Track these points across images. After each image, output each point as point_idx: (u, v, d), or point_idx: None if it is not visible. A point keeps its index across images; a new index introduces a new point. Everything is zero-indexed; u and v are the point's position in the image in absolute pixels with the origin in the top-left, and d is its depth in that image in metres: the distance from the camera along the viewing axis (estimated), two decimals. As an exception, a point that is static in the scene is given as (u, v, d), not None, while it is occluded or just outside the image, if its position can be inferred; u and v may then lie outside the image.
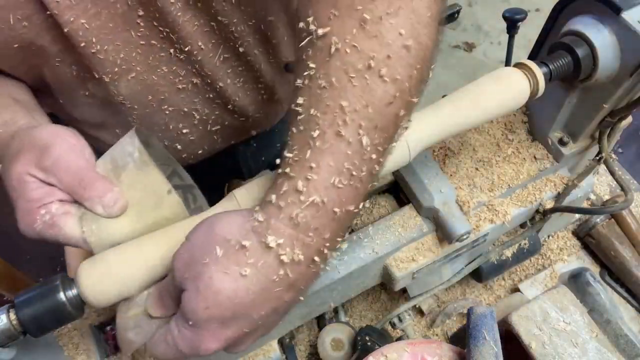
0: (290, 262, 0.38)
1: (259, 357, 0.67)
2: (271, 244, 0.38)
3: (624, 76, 0.56)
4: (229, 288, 0.38)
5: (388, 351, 0.57)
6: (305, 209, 0.38)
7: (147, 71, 0.65)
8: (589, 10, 0.56)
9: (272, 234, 0.38)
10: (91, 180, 0.48)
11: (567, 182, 0.71)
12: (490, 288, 0.85)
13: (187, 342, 0.41)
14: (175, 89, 0.70)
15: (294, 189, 0.38)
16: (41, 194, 0.48)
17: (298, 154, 0.39)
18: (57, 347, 0.61)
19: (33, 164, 0.48)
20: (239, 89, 0.75)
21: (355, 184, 0.39)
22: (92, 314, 0.64)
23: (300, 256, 0.38)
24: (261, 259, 0.38)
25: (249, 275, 0.38)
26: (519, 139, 0.72)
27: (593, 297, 0.72)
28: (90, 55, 0.58)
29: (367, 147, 0.39)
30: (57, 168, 0.48)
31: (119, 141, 0.52)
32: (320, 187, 0.38)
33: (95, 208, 0.48)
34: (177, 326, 0.42)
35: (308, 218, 0.38)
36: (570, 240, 0.87)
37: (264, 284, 0.38)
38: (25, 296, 0.45)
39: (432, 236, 0.67)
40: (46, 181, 0.48)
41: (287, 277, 0.39)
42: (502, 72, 0.55)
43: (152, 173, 0.50)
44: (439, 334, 0.80)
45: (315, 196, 0.38)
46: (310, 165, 0.38)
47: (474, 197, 0.67)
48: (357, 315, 0.84)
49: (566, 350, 0.57)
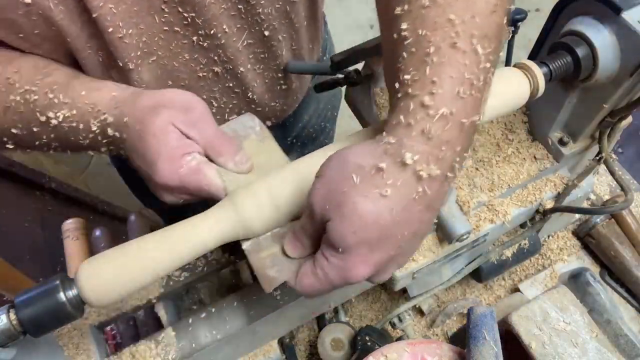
0: (427, 178, 0.39)
1: (259, 357, 0.67)
2: (408, 161, 0.38)
3: (624, 76, 0.56)
4: (373, 210, 0.38)
5: (388, 351, 0.57)
6: (435, 122, 0.39)
7: (169, 57, 0.65)
8: (589, 10, 0.56)
9: (408, 151, 0.38)
10: (227, 140, 0.54)
11: (567, 182, 0.71)
12: (490, 288, 0.85)
13: (337, 271, 0.42)
14: (195, 77, 0.70)
15: (420, 105, 0.39)
16: (184, 143, 0.52)
17: (416, 73, 0.40)
18: (57, 347, 0.61)
19: (178, 116, 0.52)
20: (258, 76, 0.76)
21: (476, 93, 0.40)
22: (92, 314, 0.64)
23: (436, 171, 0.39)
24: (399, 177, 0.38)
25: (389, 195, 0.38)
26: (519, 139, 0.72)
27: (593, 297, 0.72)
28: (116, 40, 0.59)
29: (482, 56, 0.40)
30: (201, 124, 0.53)
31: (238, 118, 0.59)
32: (446, 99, 0.39)
33: (228, 164, 0.53)
34: (325, 257, 0.42)
35: (439, 131, 0.39)
36: (570, 240, 0.87)
37: (405, 203, 0.39)
38: (25, 296, 0.45)
39: (432, 236, 0.67)
40: (187, 134, 0.52)
41: (425, 194, 0.39)
42: (502, 72, 0.55)
43: (272, 144, 0.57)
44: (439, 334, 0.80)
45: (443, 108, 0.39)
46: (432, 80, 0.39)
47: (474, 197, 0.67)
48: (357, 315, 0.84)
49: (566, 350, 0.57)
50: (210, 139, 0.53)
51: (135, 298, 0.65)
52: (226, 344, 0.62)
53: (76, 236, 0.83)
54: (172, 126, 0.51)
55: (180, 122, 0.52)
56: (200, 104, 0.54)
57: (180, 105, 0.52)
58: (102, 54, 0.61)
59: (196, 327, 0.62)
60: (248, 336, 0.64)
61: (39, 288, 0.46)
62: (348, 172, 0.40)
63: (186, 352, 0.60)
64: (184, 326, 0.62)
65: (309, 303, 0.66)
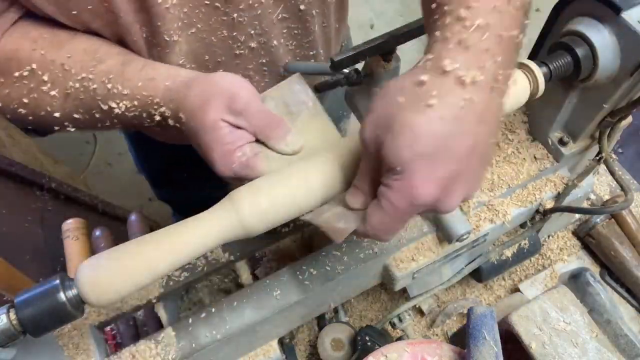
0: (471, 84, 0.39)
1: (259, 357, 0.67)
2: (448, 68, 0.39)
3: (624, 76, 0.56)
4: (423, 121, 0.38)
5: (388, 351, 0.57)
6: (472, 32, 0.39)
7: (208, 31, 0.66)
8: (589, 10, 0.56)
9: (448, 60, 0.39)
10: (277, 122, 0.55)
11: (567, 182, 0.71)
12: (490, 288, 0.85)
13: (401, 193, 0.41)
14: (232, 54, 0.71)
15: (457, 18, 0.40)
16: (235, 138, 0.54)
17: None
18: (57, 347, 0.61)
19: (225, 109, 0.53)
20: (289, 52, 0.77)
21: (513, 10, 0.41)
22: (92, 314, 0.64)
23: (480, 77, 0.39)
24: (442, 86, 0.39)
25: (436, 105, 0.38)
26: (519, 139, 0.72)
27: (593, 297, 0.72)
28: (163, 11, 0.59)
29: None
30: (248, 112, 0.53)
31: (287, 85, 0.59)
32: (482, 11, 0.40)
33: (279, 145, 0.55)
34: (387, 185, 0.42)
35: (476, 40, 0.39)
36: (570, 240, 0.87)
37: (454, 112, 0.39)
38: (25, 296, 0.45)
39: (432, 236, 0.67)
40: (236, 124, 0.54)
41: (472, 102, 0.39)
42: (502, 72, 0.55)
43: (325, 122, 0.57)
44: (439, 334, 0.80)
45: (479, 19, 0.40)
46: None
47: (474, 197, 0.67)
48: (357, 315, 0.84)
49: (566, 350, 0.57)
50: (260, 124, 0.54)
51: (135, 298, 0.65)
52: (226, 344, 0.62)
53: (76, 236, 0.83)
54: (222, 121, 0.53)
55: (229, 114, 0.53)
56: (245, 87, 0.55)
57: (226, 94, 0.53)
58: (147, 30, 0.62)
59: (196, 327, 0.62)
60: (248, 336, 0.64)
61: (39, 288, 0.46)
62: (392, 96, 0.40)
63: (186, 352, 0.60)
64: (184, 326, 0.62)
65: (309, 303, 0.66)
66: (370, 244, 0.64)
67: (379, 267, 0.67)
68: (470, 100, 0.39)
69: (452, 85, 0.39)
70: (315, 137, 0.56)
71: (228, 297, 0.64)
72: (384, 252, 0.64)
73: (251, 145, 0.55)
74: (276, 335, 0.68)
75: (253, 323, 0.62)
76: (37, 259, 1.40)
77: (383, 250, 0.64)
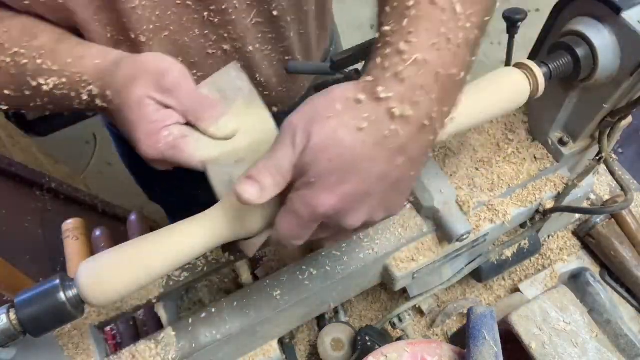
0: (400, 117, 0.40)
1: (259, 357, 0.67)
2: (381, 95, 0.40)
3: (624, 76, 0.56)
4: (349, 140, 0.40)
5: (388, 351, 0.57)
6: (409, 66, 0.40)
7: (180, 32, 0.65)
8: (589, 10, 0.56)
9: (382, 87, 0.40)
10: (208, 104, 0.53)
11: (567, 182, 0.71)
12: (490, 288, 0.85)
13: (305, 201, 0.42)
14: (205, 54, 0.70)
15: (396, 51, 0.41)
16: (162, 116, 0.51)
17: (395, 25, 0.42)
18: (57, 347, 0.61)
19: (152, 86, 0.51)
20: (265, 57, 0.76)
21: (454, 48, 0.41)
22: (92, 314, 0.64)
23: (410, 112, 0.40)
24: (374, 112, 0.40)
25: (364, 128, 0.40)
26: (519, 139, 0.72)
27: (593, 297, 0.72)
28: (129, 11, 0.59)
29: (461, 15, 0.41)
30: (177, 90, 0.52)
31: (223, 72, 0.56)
32: (420, 47, 0.40)
33: (209, 128, 0.53)
34: (296, 190, 0.42)
35: (412, 75, 0.40)
36: (570, 240, 0.87)
37: (377, 138, 0.40)
38: (25, 296, 0.45)
39: (432, 236, 0.67)
40: (164, 103, 0.52)
41: (397, 134, 0.40)
42: (502, 72, 0.55)
43: (260, 111, 0.55)
44: (439, 334, 0.80)
45: (417, 54, 0.40)
46: (409, 31, 0.41)
47: (474, 197, 0.67)
48: (357, 315, 0.84)
49: (566, 350, 0.57)
50: (188, 105, 0.52)
51: (135, 298, 0.65)
52: (226, 344, 0.62)
53: (76, 236, 0.83)
54: (148, 99, 0.51)
55: (156, 92, 0.51)
56: (177, 66, 0.53)
57: (155, 72, 0.52)
58: (112, 29, 0.61)
59: (196, 327, 0.62)
60: (248, 336, 0.64)
61: (39, 288, 0.46)
62: (333, 100, 0.41)
63: (186, 352, 0.60)
64: (184, 326, 0.62)
65: (309, 303, 0.66)
66: (370, 243, 0.64)
67: (379, 267, 0.67)
68: (395, 132, 0.40)
69: (383, 114, 0.40)
70: (250, 124, 0.54)
71: (228, 297, 0.64)
72: (384, 252, 0.64)
73: (179, 127, 0.53)
74: (276, 335, 0.68)
75: (253, 323, 0.62)
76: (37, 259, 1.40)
77: (383, 250, 0.64)
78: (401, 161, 0.42)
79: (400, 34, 0.41)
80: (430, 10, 0.41)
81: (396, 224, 0.66)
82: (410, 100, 0.40)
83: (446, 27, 0.41)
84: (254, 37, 0.72)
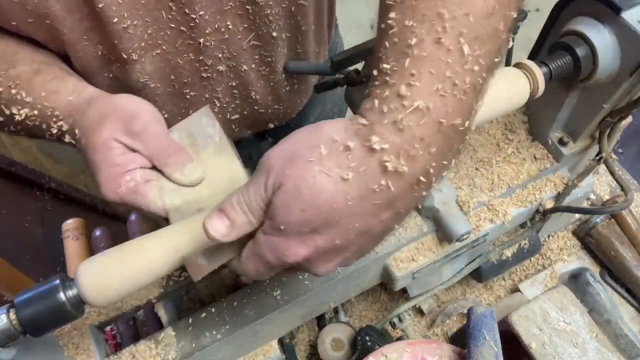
0: (393, 172, 0.36)
1: (259, 357, 0.67)
2: (375, 146, 0.36)
3: (624, 76, 0.56)
4: (329, 191, 0.36)
5: (388, 351, 0.57)
6: (410, 114, 0.36)
7: (173, 53, 0.65)
8: (589, 10, 0.56)
9: (377, 137, 0.36)
10: (175, 149, 0.52)
11: (567, 182, 0.71)
12: (490, 288, 0.85)
13: (273, 248, 0.39)
14: (199, 76, 0.70)
15: (396, 94, 0.37)
16: (126, 160, 0.50)
17: (396, 64, 0.38)
18: (57, 347, 0.61)
19: (120, 129, 0.50)
20: (261, 77, 0.75)
21: (460, 95, 0.37)
22: (92, 314, 0.64)
23: (404, 167, 0.36)
24: (364, 163, 0.36)
25: (350, 179, 0.36)
26: (519, 139, 0.72)
27: (593, 297, 0.72)
28: (120, 31, 0.58)
29: (468, 57, 0.37)
30: (145, 135, 0.50)
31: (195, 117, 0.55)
32: (423, 92, 0.36)
33: (175, 175, 0.51)
34: (264, 233, 0.39)
35: (413, 125, 0.36)
36: (570, 240, 0.87)
37: (363, 192, 0.36)
38: (25, 296, 0.45)
39: (432, 236, 0.67)
40: (131, 147, 0.51)
41: (388, 190, 0.36)
42: (502, 72, 0.55)
43: (231, 159, 0.54)
44: (439, 334, 0.80)
45: (419, 101, 0.36)
46: (411, 73, 0.37)
47: (474, 197, 0.67)
48: (357, 315, 0.84)
49: (566, 350, 0.57)
50: (155, 150, 0.51)
51: (135, 298, 0.65)
52: (226, 344, 0.62)
53: (76, 236, 0.83)
54: (115, 141, 0.50)
55: (124, 135, 0.50)
56: (147, 110, 0.52)
57: (124, 114, 0.51)
58: (103, 48, 0.61)
59: (196, 327, 0.62)
60: (248, 336, 0.64)
61: (39, 288, 0.46)
62: (319, 141, 0.37)
63: (186, 352, 0.60)
64: (184, 326, 0.62)
65: (309, 303, 0.66)
66: (370, 244, 0.64)
67: (379, 267, 0.67)
68: (385, 187, 0.36)
69: (374, 167, 0.36)
70: (219, 173, 0.53)
71: (228, 297, 0.64)
72: (384, 252, 0.64)
73: (144, 171, 0.52)
74: (276, 335, 0.68)
75: (253, 323, 0.62)
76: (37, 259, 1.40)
77: (383, 250, 0.64)
78: (386, 216, 0.38)
79: (402, 75, 0.37)
80: (435, 51, 0.37)
81: (396, 224, 0.66)
82: (407, 154, 0.36)
83: (452, 70, 0.37)
84: (250, 58, 0.71)
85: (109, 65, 0.63)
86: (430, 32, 0.37)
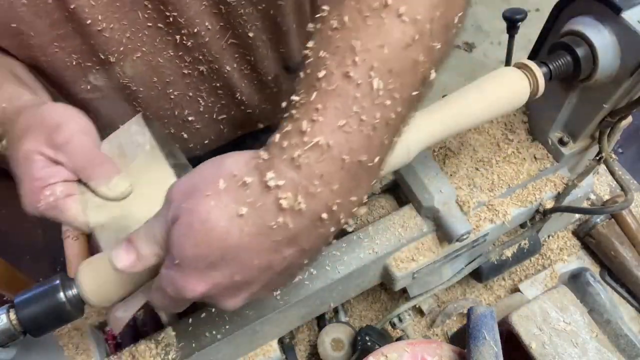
0: (290, 210, 0.35)
1: (259, 357, 0.67)
2: (270, 183, 0.34)
3: (624, 76, 0.56)
4: (223, 226, 0.35)
5: (388, 351, 0.57)
6: (308, 150, 0.35)
7: (153, 53, 0.64)
8: (589, 10, 0.56)
9: (273, 173, 0.35)
10: (100, 161, 0.49)
11: (567, 182, 0.71)
12: (490, 288, 0.85)
13: (171, 282, 0.38)
14: (180, 74, 0.69)
15: (298, 130, 0.35)
16: (47, 174, 0.48)
17: (304, 97, 0.36)
18: (57, 347, 0.61)
19: (43, 141, 0.48)
20: (244, 77, 0.74)
21: (367, 130, 0.35)
22: (92, 314, 0.64)
23: (302, 205, 0.35)
24: (260, 200, 0.35)
25: (245, 215, 0.35)
26: (519, 139, 0.72)
27: (593, 297, 0.72)
28: (95, 33, 0.57)
29: (380, 91, 0.35)
30: (69, 146, 0.48)
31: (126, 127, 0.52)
32: (325, 129, 0.35)
33: (100, 188, 0.49)
34: (165, 267, 0.39)
35: (311, 161, 0.35)
36: (570, 240, 0.87)
37: (260, 229, 0.35)
38: (25, 296, 0.45)
39: (432, 236, 0.67)
40: (54, 159, 0.49)
41: (286, 227, 0.35)
42: (502, 72, 0.55)
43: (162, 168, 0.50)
44: (439, 334, 0.80)
45: (319, 137, 0.35)
46: (316, 107, 0.35)
47: (474, 197, 0.67)
48: (357, 315, 0.84)
49: (566, 350, 0.57)
50: (81, 162, 0.49)
51: (135, 298, 0.65)
52: (226, 344, 0.62)
53: (76, 236, 0.83)
54: (37, 154, 0.48)
55: (47, 147, 0.48)
56: (75, 121, 0.50)
57: (52, 124, 0.49)
58: (78, 57, 0.60)
59: (196, 327, 0.62)
60: (248, 336, 0.64)
61: (39, 288, 0.45)
62: (219, 175, 0.36)
63: (186, 352, 0.60)
64: (184, 326, 0.62)
65: (309, 303, 0.66)
66: (370, 243, 0.64)
67: (379, 267, 0.67)
68: (283, 225, 0.35)
69: (269, 204, 0.35)
70: (151, 183, 0.50)
71: (228, 297, 0.64)
72: (384, 252, 0.64)
73: (66, 185, 0.49)
74: (276, 335, 0.68)
75: (253, 323, 0.62)
76: (37, 259, 1.40)
77: (383, 250, 0.64)
78: (289, 252, 0.37)
79: (307, 110, 0.35)
80: (343, 85, 0.35)
81: (396, 224, 0.66)
82: (305, 192, 0.35)
83: (359, 105, 0.35)
84: (231, 58, 0.70)
85: (86, 74, 0.62)
86: (340, 65, 0.35)
